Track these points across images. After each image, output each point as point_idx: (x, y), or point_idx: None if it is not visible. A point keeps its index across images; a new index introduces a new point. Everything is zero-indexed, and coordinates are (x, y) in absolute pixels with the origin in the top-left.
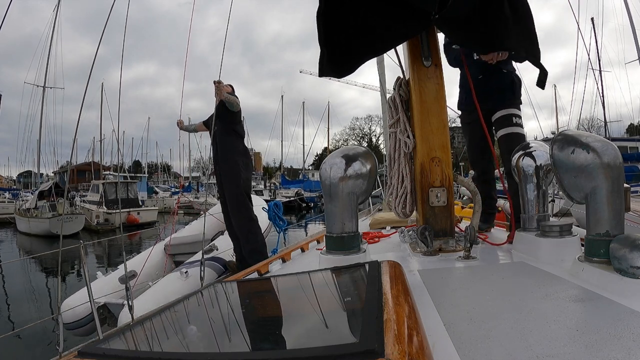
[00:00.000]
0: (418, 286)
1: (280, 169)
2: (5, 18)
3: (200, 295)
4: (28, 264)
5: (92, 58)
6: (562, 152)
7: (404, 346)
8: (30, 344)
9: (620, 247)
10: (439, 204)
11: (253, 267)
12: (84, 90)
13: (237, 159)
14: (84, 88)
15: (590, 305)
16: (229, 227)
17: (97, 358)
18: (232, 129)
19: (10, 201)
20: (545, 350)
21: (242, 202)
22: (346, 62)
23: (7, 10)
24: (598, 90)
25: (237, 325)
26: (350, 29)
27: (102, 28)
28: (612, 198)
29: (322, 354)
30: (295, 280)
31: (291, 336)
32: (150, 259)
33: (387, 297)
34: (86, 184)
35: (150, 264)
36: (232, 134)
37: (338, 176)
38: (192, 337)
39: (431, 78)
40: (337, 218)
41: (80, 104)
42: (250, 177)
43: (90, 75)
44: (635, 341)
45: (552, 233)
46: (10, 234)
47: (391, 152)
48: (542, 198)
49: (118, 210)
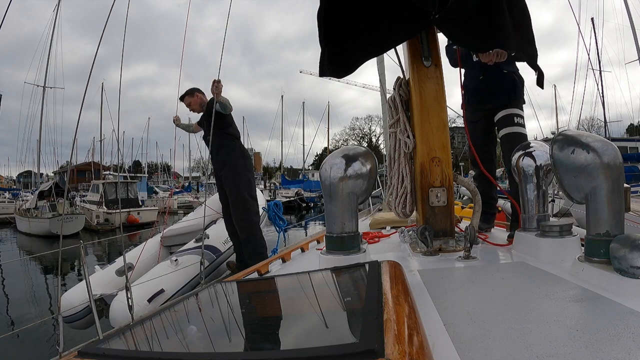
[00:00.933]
0: (418, 286)
1: (280, 169)
2: (5, 18)
3: (200, 295)
4: (28, 264)
5: (91, 58)
6: (562, 152)
7: (404, 346)
8: (30, 344)
9: (620, 247)
10: (439, 204)
11: (253, 267)
12: (84, 91)
13: (235, 160)
14: (84, 88)
15: (590, 305)
16: (229, 227)
17: (97, 358)
18: (224, 133)
19: (10, 201)
20: (545, 350)
21: (243, 203)
22: (346, 62)
23: (7, 10)
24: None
25: (237, 326)
26: (350, 29)
27: (100, 28)
28: (612, 198)
29: (322, 354)
30: (295, 280)
31: (291, 336)
32: (146, 252)
33: (387, 297)
34: (86, 184)
35: (146, 256)
36: (226, 137)
37: (338, 176)
38: (192, 337)
39: (431, 78)
40: (337, 218)
41: (80, 104)
42: (252, 177)
43: (90, 75)
44: (635, 341)
45: (552, 233)
46: (10, 234)
47: (391, 152)
48: (542, 198)
49: (118, 210)
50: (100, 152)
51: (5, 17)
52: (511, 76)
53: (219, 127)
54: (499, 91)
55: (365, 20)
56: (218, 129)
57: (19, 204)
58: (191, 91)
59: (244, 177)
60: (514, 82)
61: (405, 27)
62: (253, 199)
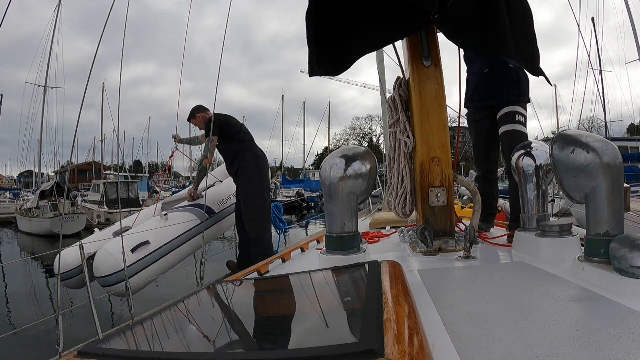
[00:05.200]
0: (418, 286)
1: (281, 168)
2: (5, 18)
3: (200, 295)
4: (29, 264)
5: (90, 58)
6: (562, 152)
7: (404, 346)
8: (30, 344)
9: (620, 247)
10: (439, 204)
11: (253, 267)
12: (84, 90)
13: (249, 162)
14: (84, 88)
15: (590, 305)
16: (238, 224)
17: (97, 358)
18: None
19: (11, 201)
20: (545, 350)
21: (255, 204)
22: (339, 60)
23: (7, 10)
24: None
25: (237, 325)
26: (343, 26)
27: (98, 28)
28: (612, 198)
29: (322, 354)
30: (296, 280)
31: (291, 336)
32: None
33: (387, 297)
34: (87, 184)
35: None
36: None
37: (338, 176)
38: (192, 337)
39: (431, 78)
40: (337, 218)
41: (81, 104)
42: (266, 178)
43: (90, 75)
44: (635, 341)
45: (552, 233)
46: (11, 234)
47: (391, 152)
48: (542, 198)
49: (119, 210)
50: (101, 152)
51: (5, 17)
52: (516, 72)
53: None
54: (502, 87)
55: (362, 18)
56: (227, 138)
57: (20, 204)
58: (193, 113)
59: (257, 179)
60: (519, 78)
61: (404, 26)
62: (265, 200)
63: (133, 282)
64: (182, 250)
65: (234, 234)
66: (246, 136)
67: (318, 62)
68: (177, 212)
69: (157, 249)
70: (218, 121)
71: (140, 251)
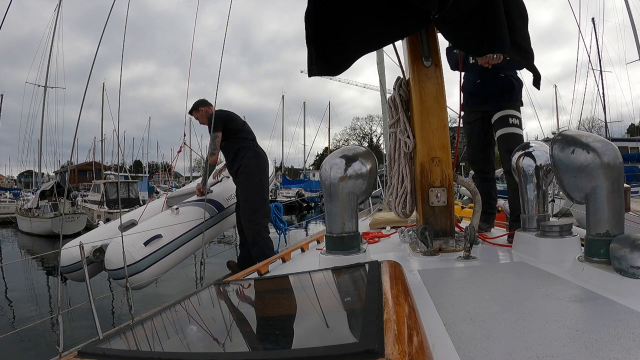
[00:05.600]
0: (418, 286)
1: (281, 169)
2: (5, 18)
3: (200, 295)
4: (29, 263)
5: (90, 58)
6: (562, 152)
7: (404, 346)
8: (30, 344)
9: (620, 247)
10: (439, 204)
11: (253, 267)
12: (84, 90)
13: (249, 162)
14: (84, 88)
15: (590, 305)
16: (238, 223)
17: (97, 358)
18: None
19: (11, 201)
20: (545, 350)
21: (253, 205)
22: (340, 59)
23: (7, 10)
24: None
25: (237, 325)
26: (342, 26)
27: (98, 27)
28: (612, 198)
29: (322, 354)
30: (295, 280)
31: (291, 336)
32: (149, 210)
33: (387, 297)
34: (87, 184)
35: (149, 214)
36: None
37: (338, 176)
38: (192, 337)
39: (431, 78)
40: (337, 218)
41: (81, 104)
42: (265, 179)
43: (90, 75)
44: (635, 341)
45: (552, 233)
46: (11, 234)
47: (391, 152)
48: (542, 198)
49: (119, 210)
50: (102, 152)
51: (5, 17)
52: (508, 80)
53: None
54: (495, 95)
55: (361, 18)
56: (230, 136)
57: (20, 204)
58: (196, 106)
59: (256, 179)
60: (511, 86)
61: (404, 25)
62: (264, 201)
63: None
64: (192, 244)
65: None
66: (249, 135)
67: (317, 62)
68: (187, 207)
69: (169, 243)
70: (221, 116)
71: (152, 244)
